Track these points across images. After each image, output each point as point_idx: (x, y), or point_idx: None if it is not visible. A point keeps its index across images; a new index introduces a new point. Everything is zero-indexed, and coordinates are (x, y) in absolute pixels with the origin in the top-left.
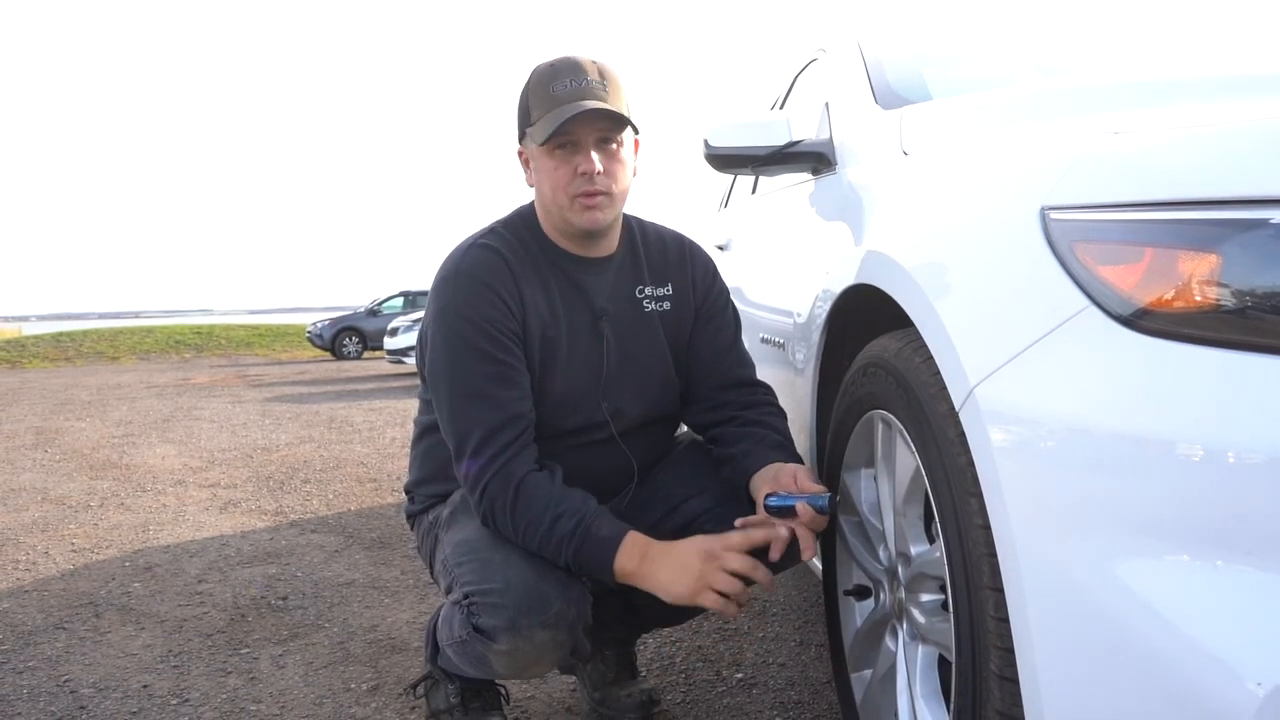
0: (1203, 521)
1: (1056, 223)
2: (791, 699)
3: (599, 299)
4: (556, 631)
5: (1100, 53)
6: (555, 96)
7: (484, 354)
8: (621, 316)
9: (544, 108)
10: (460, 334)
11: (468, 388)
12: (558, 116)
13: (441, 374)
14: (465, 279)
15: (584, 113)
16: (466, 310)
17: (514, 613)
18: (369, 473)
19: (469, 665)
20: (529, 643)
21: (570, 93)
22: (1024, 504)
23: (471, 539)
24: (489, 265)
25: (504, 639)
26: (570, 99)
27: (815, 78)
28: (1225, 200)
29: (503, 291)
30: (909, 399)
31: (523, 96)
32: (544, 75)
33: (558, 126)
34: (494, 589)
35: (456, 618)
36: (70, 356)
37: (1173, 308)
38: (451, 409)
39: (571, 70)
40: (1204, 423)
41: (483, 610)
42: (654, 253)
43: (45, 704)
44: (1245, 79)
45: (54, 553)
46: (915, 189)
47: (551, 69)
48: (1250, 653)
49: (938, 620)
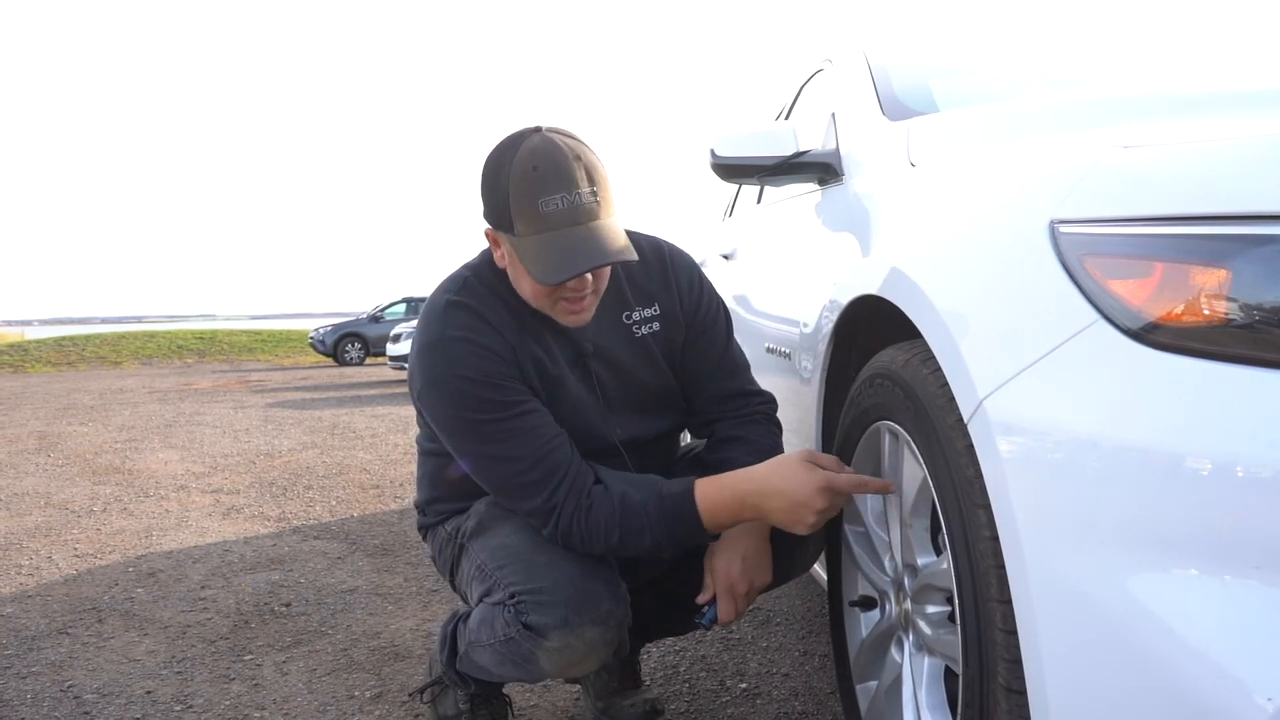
0: (1211, 535)
1: (1066, 236)
2: (796, 709)
3: (584, 339)
4: (606, 629)
5: (1109, 65)
6: (546, 216)
7: (493, 403)
8: (611, 348)
9: (534, 227)
10: (462, 393)
11: (493, 440)
12: (561, 263)
13: (458, 437)
14: (451, 343)
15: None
16: (461, 370)
17: (565, 610)
18: (372, 479)
19: (507, 665)
20: (580, 639)
21: (564, 215)
22: (1032, 516)
23: (510, 544)
24: (470, 325)
25: (556, 636)
26: (566, 223)
27: (821, 88)
28: (1236, 215)
29: (492, 345)
30: (916, 410)
31: (497, 189)
32: (528, 182)
33: (560, 278)
34: (543, 587)
35: (501, 617)
36: (73, 361)
37: (1182, 322)
38: (484, 464)
39: (557, 180)
40: (1213, 437)
41: (533, 608)
42: (637, 274)
43: (49, 709)
44: (1255, 94)
45: (57, 557)
46: (923, 200)
47: (537, 175)
48: (1260, 667)
49: (944, 632)
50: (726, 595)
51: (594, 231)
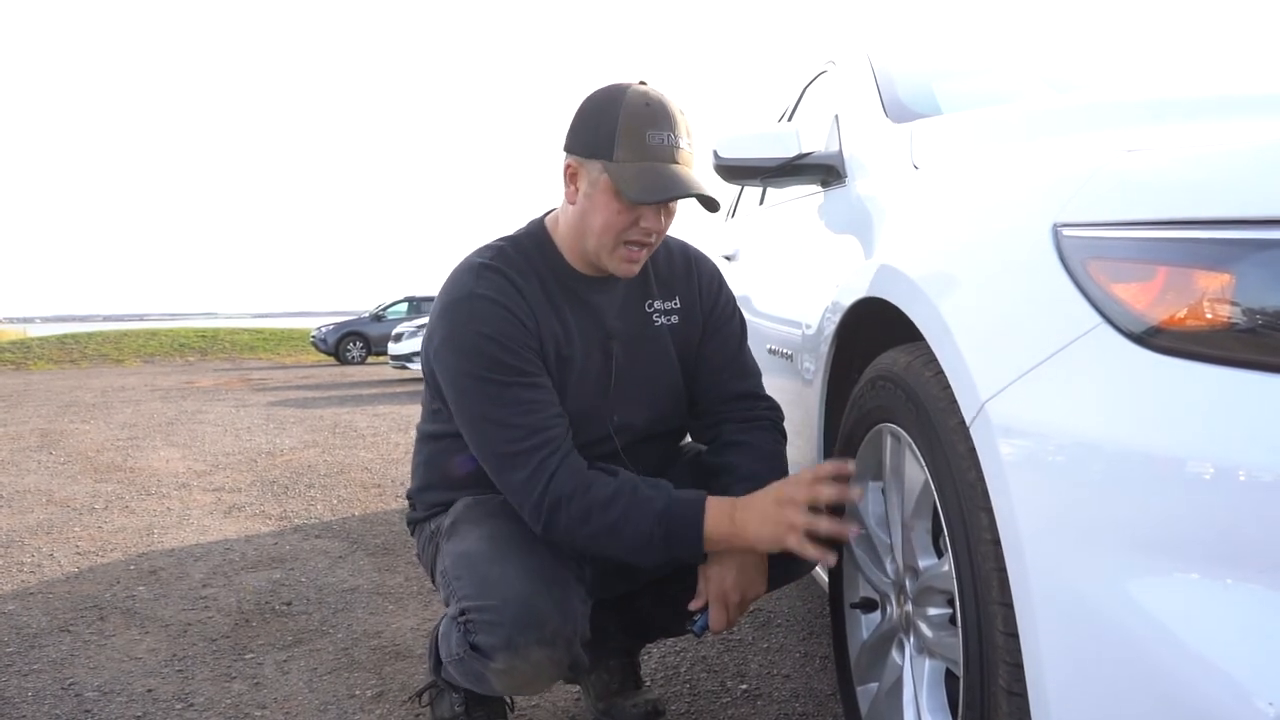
0: (1213, 539)
1: (1069, 239)
2: (796, 711)
3: (609, 318)
4: (554, 650)
5: (1113, 69)
6: (650, 148)
7: (506, 365)
8: (631, 333)
9: (636, 155)
10: (480, 352)
11: (496, 400)
12: (657, 185)
13: (465, 393)
14: (479, 300)
15: (670, 192)
16: (483, 328)
17: (510, 630)
18: (373, 478)
19: (469, 681)
20: (525, 661)
21: (665, 151)
22: (1034, 519)
23: (471, 551)
24: (499, 287)
25: (500, 657)
26: (664, 159)
27: (825, 90)
28: (1239, 220)
29: (517, 311)
30: (918, 413)
31: (604, 118)
32: (640, 115)
33: (656, 197)
34: (490, 605)
35: (454, 635)
36: (75, 359)
37: (1185, 326)
38: (483, 427)
39: (666, 121)
40: (1215, 441)
41: (479, 628)
42: (661, 266)
43: (50, 707)
44: (1259, 98)
45: (58, 555)
46: (926, 203)
47: (649, 111)
48: (1261, 671)
49: (945, 634)
50: (719, 604)
51: (687, 172)
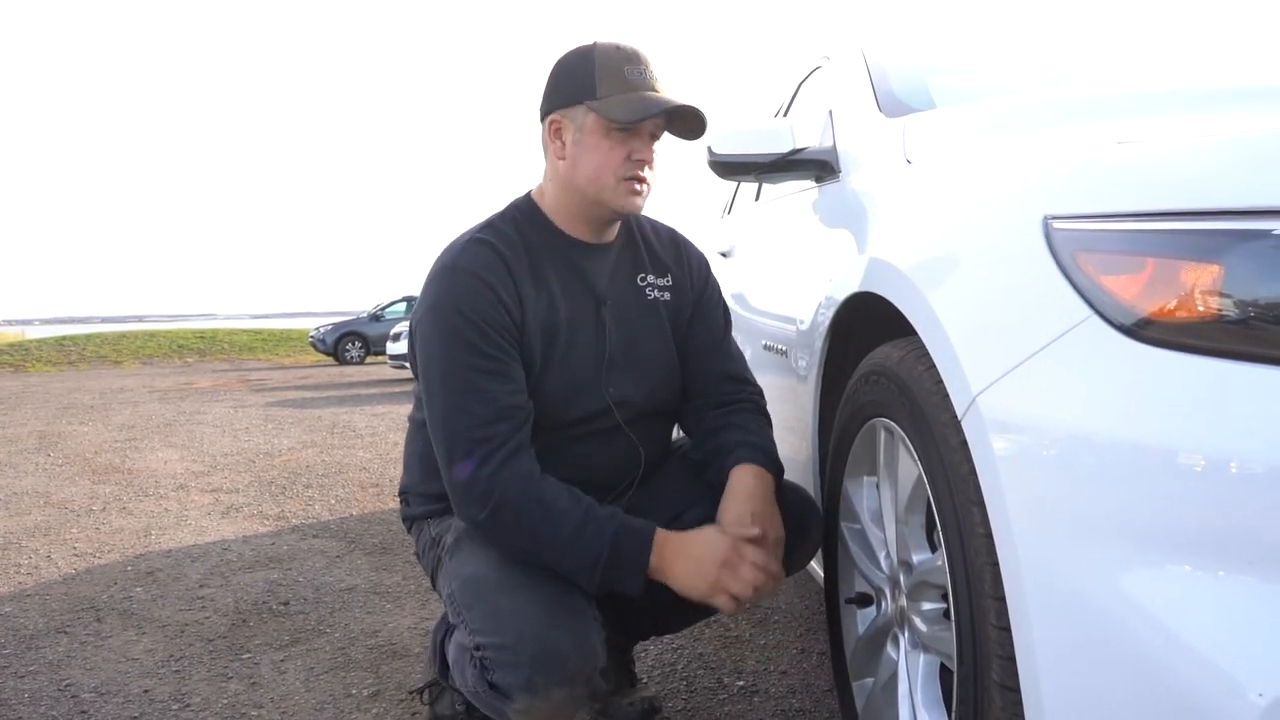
0: (1205, 532)
1: (1059, 232)
2: (793, 706)
3: (600, 284)
4: (573, 688)
5: (1104, 62)
6: (630, 81)
7: (477, 349)
8: (623, 302)
9: (618, 88)
10: (455, 327)
11: (461, 382)
12: (642, 105)
13: (434, 367)
14: (463, 274)
15: (659, 106)
16: (463, 305)
17: (530, 671)
18: (371, 478)
19: (488, 711)
20: (546, 701)
21: (645, 82)
22: (1026, 513)
23: (480, 575)
24: (486, 262)
25: (520, 698)
26: (645, 87)
27: (819, 85)
28: (1228, 211)
29: (500, 291)
30: (911, 407)
31: (579, 69)
32: (614, 56)
33: (648, 113)
34: (507, 644)
35: (470, 670)
36: (73, 360)
37: (1175, 318)
38: (444, 404)
39: (640, 59)
40: (1206, 433)
41: (497, 667)
42: (652, 243)
43: (46, 708)
44: (1249, 89)
45: (56, 556)
46: (919, 197)
47: (621, 53)
48: (1252, 663)
49: (939, 629)
50: None
51: (670, 93)
